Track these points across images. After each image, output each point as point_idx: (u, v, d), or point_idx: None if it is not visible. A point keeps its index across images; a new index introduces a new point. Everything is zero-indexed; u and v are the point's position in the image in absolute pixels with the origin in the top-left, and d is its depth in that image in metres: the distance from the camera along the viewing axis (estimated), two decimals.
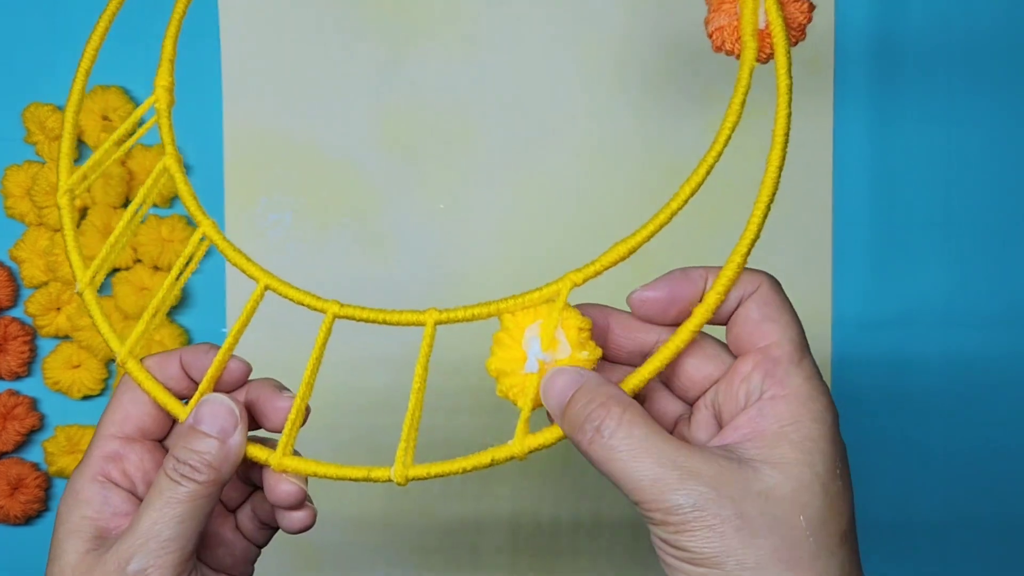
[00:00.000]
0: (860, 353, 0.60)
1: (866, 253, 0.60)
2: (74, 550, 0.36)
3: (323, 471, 0.36)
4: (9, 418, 0.59)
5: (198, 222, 0.38)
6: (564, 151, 0.59)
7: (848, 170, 0.59)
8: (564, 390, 0.34)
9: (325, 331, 0.36)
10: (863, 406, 0.60)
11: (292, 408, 0.36)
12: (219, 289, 0.59)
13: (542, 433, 0.35)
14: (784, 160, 0.35)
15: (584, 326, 0.36)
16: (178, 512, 0.35)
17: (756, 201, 0.35)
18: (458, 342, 0.44)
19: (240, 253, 0.37)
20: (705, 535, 0.30)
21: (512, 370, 0.35)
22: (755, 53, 0.35)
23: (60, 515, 0.37)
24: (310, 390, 0.37)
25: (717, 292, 0.35)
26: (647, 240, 0.36)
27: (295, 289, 0.37)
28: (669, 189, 0.59)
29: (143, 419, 0.38)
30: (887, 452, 0.60)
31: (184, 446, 0.35)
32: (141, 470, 0.37)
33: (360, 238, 0.59)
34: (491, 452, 0.35)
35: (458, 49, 0.59)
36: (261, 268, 0.37)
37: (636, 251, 0.36)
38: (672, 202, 0.35)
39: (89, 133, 0.58)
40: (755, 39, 0.35)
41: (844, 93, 0.59)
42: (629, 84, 0.59)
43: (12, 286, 0.59)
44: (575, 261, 0.59)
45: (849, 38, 0.59)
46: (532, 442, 0.34)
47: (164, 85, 0.40)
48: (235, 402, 0.37)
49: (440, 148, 0.59)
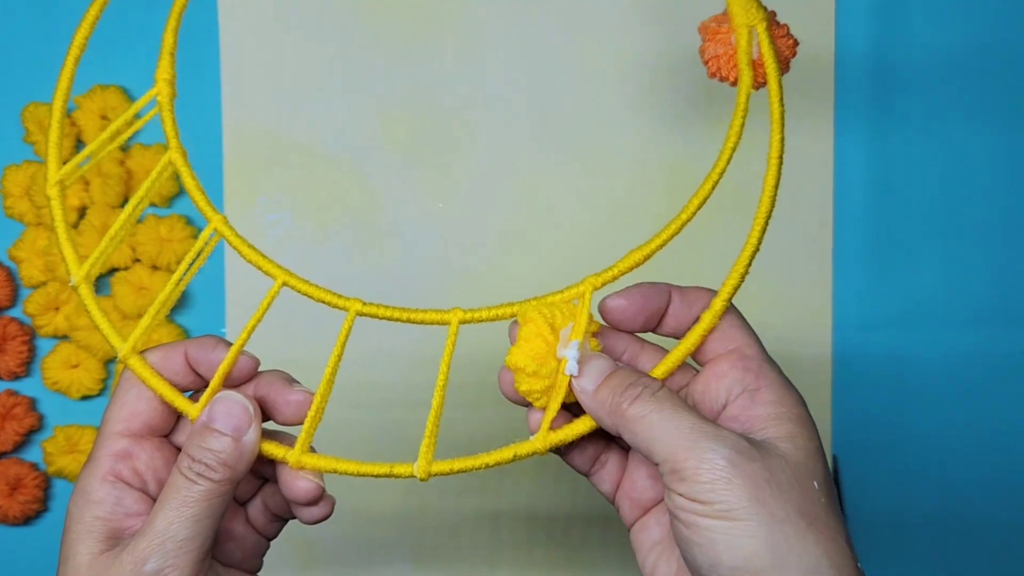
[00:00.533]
0: (860, 353, 0.60)
1: (866, 253, 0.60)
2: (87, 551, 0.35)
3: (343, 468, 0.36)
4: (8, 418, 0.59)
5: (208, 218, 0.38)
6: (564, 151, 0.59)
7: (848, 171, 0.59)
8: (602, 369, 0.36)
9: (347, 329, 0.37)
10: (863, 406, 0.60)
11: (312, 405, 0.37)
12: (218, 289, 0.59)
13: (564, 429, 0.36)
14: (779, 180, 0.38)
15: (595, 328, 0.38)
16: (194, 512, 0.35)
17: (755, 217, 0.37)
18: (475, 338, 0.45)
19: (254, 249, 0.37)
20: (740, 487, 0.32)
21: (537, 367, 0.36)
22: (751, 80, 0.38)
23: (71, 515, 0.36)
24: (331, 387, 0.37)
25: (723, 299, 0.37)
26: (661, 248, 0.38)
27: (315, 286, 0.37)
28: (669, 189, 0.60)
29: (150, 415, 0.38)
30: (886, 452, 0.60)
31: (198, 444, 0.35)
32: (151, 468, 0.37)
33: (359, 238, 0.59)
34: (514, 448, 0.36)
35: (458, 49, 0.59)
36: (278, 265, 0.37)
37: (651, 258, 0.38)
38: (682, 214, 0.38)
39: (88, 133, 0.58)
40: (751, 68, 0.38)
41: (844, 93, 0.59)
42: (629, 84, 0.59)
43: (11, 286, 0.59)
44: (574, 261, 0.59)
45: (850, 42, 0.59)
46: (554, 438, 0.36)
47: (166, 78, 0.39)
48: (248, 399, 0.36)
49: (440, 148, 0.59)
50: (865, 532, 0.60)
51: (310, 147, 0.59)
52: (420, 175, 0.59)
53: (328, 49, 0.58)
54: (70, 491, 0.60)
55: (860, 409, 0.60)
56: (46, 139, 0.58)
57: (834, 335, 0.60)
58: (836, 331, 0.60)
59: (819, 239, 0.59)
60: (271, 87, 0.59)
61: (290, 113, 0.59)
